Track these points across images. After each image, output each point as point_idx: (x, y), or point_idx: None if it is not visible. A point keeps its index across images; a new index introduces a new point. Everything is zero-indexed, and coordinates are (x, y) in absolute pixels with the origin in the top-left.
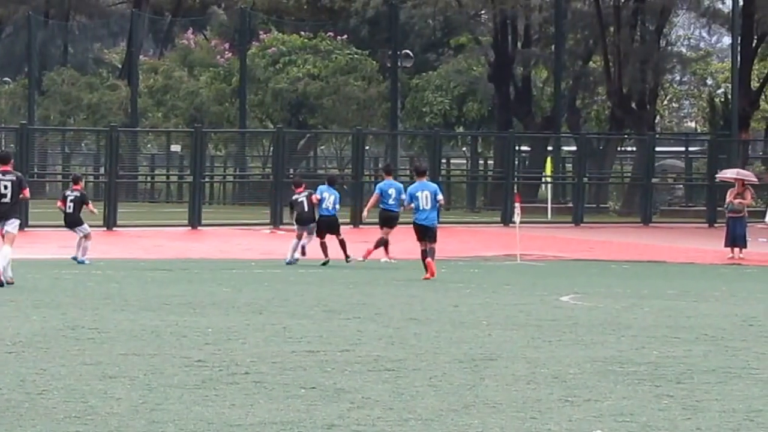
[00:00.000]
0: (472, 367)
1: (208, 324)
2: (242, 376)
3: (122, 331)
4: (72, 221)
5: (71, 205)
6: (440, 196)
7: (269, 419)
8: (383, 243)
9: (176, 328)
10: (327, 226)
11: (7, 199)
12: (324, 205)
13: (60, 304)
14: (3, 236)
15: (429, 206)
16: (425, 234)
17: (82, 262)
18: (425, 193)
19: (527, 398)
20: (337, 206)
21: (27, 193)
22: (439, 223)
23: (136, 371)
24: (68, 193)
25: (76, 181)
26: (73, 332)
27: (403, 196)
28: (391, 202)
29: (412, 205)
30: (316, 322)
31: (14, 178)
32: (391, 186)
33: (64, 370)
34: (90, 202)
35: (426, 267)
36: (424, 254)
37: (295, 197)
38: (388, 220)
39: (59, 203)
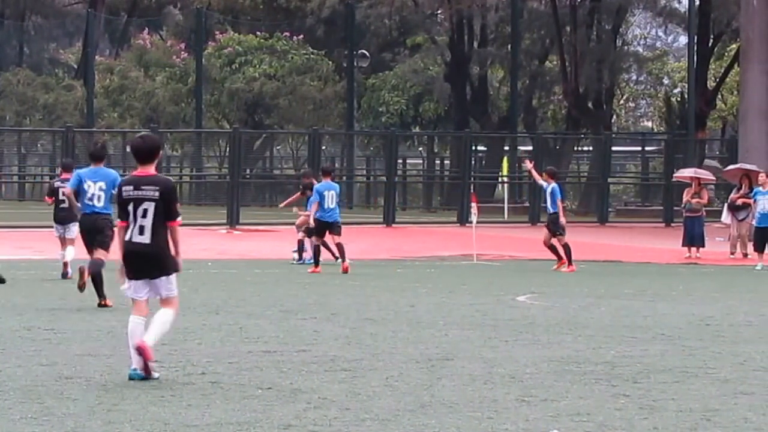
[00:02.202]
0: (429, 367)
1: None
2: (198, 376)
3: (78, 332)
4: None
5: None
6: (337, 198)
7: (225, 419)
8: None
9: None
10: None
11: (65, 204)
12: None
13: (16, 304)
14: (64, 240)
15: (333, 204)
16: (331, 229)
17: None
18: (331, 192)
19: (484, 398)
20: None
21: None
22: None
23: (92, 372)
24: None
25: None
26: (29, 333)
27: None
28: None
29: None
30: (272, 323)
31: None
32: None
33: (20, 371)
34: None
35: (316, 261)
36: (318, 249)
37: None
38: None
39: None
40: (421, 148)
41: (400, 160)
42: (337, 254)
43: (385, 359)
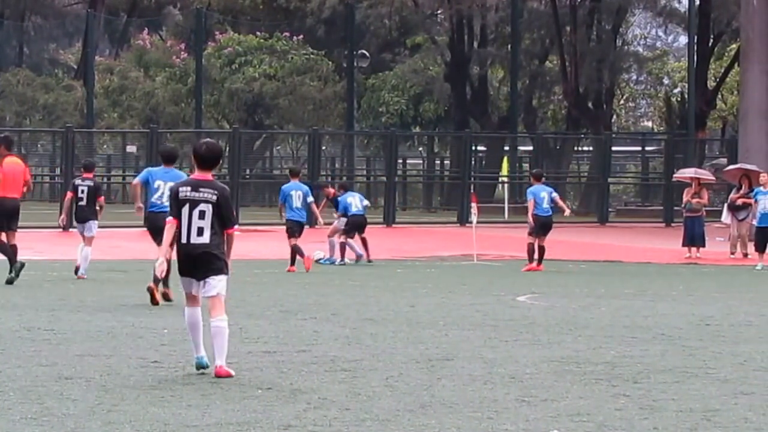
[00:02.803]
0: (429, 367)
1: (164, 325)
2: (198, 376)
3: (78, 332)
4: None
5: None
6: (310, 198)
7: (225, 420)
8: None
9: (132, 329)
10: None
11: (83, 203)
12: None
13: (16, 305)
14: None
15: (300, 204)
16: (300, 229)
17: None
18: (298, 192)
19: (484, 398)
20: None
21: (102, 200)
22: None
23: (92, 372)
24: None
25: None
26: (28, 333)
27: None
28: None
29: (285, 203)
30: (272, 323)
31: (91, 184)
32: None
33: (20, 371)
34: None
35: (293, 260)
36: (296, 249)
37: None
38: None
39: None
40: (421, 149)
41: (400, 161)
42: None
43: (385, 359)
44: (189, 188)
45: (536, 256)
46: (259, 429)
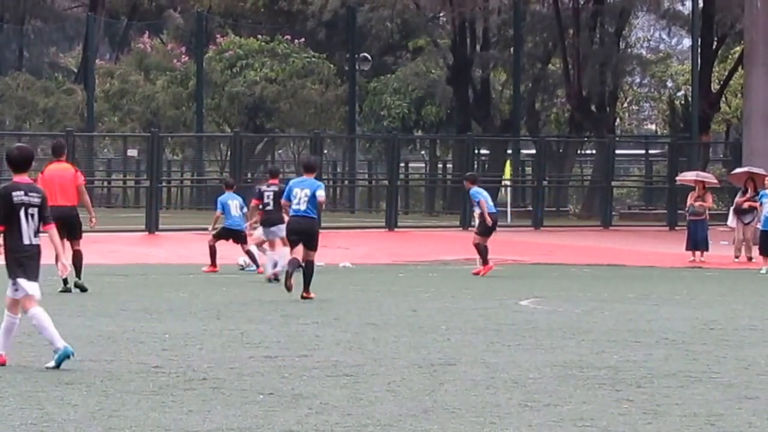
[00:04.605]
0: (431, 372)
1: (165, 329)
2: (199, 382)
3: (78, 337)
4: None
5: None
6: (245, 209)
7: (227, 425)
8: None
9: (133, 334)
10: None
11: (270, 207)
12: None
13: None
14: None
15: (238, 213)
16: (236, 237)
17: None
18: (234, 202)
19: (486, 403)
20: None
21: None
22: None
23: (92, 377)
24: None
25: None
26: (29, 339)
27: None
28: None
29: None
30: (273, 327)
31: (276, 189)
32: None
33: (20, 377)
34: None
35: (212, 262)
36: (213, 249)
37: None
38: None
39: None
40: (423, 152)
41: (402, 164)
42: (251, 261)
43: (387, 364)
44: (22, 192)
45: (478, 256)
46: None
